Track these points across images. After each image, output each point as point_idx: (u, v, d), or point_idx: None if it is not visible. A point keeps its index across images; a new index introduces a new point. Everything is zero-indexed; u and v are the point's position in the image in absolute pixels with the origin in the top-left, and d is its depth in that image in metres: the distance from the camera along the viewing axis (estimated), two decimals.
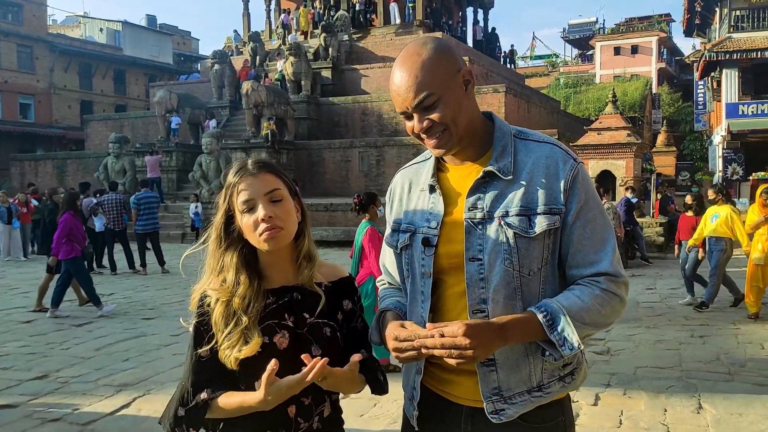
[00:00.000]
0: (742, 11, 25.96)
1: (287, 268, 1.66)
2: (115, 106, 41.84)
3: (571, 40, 57.32)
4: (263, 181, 1.59)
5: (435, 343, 1.41)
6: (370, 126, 23.95)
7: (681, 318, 7.98)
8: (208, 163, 19.74)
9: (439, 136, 1.56)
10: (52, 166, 27.05)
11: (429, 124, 1.54)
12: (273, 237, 1.56)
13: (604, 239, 1.57)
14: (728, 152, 24.65)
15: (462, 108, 1.55)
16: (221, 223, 1.62)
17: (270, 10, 32.31)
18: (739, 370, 5.67)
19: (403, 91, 1.52)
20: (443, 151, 1.58)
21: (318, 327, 1.61)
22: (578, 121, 31.98)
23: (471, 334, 1.39)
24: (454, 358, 1.41)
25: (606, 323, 1.56)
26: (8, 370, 5.91)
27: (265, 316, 1.58)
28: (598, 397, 4.97)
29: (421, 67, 1.51)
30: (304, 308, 1.63)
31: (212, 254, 1.65)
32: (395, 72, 1.55)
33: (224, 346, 1.55)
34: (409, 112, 1.55)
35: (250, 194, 1.57)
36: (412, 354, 1.48)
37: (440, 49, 1.54)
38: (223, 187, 1.66)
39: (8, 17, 37.65)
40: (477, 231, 1.54)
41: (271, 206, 1.57)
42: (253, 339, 1.53)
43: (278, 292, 1.62)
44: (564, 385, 1.59)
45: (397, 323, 1.57)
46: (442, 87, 1.51)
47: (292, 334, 1.58)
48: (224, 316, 1.57)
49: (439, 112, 1.52)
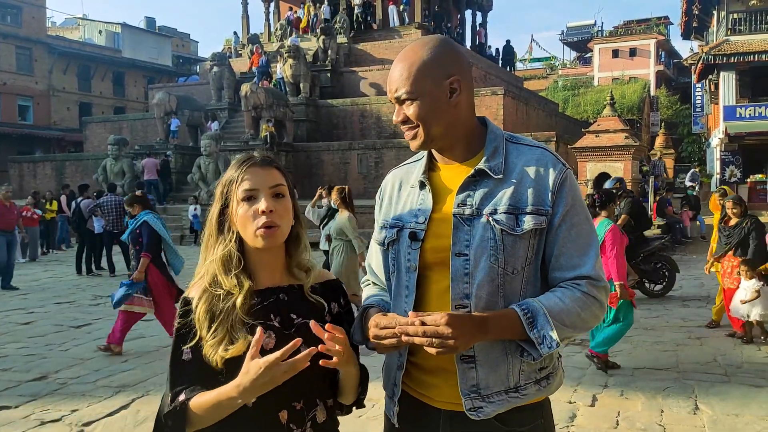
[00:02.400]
0: (740, 14, 26.02)
1: (275, 270, 1.63)
2: (114, 108, 41.85)
3: (569, 42, 57.42)
4: (269, 174, 1.58)
5: (417, 331, 1.43)
6: (368, 128, 23.98)
7: (679, 320, 8.00)
8: (207, 165, 19.75)
9: (412, 131, 1.63)
10: (50, 168, 27.02)
11: (404, 118, 1.62)
12: (270, 235, 1.54)
13: (588, 244, 1.60)
14: (726, 154, 24.69)
15: (438, 113, 1.59)
16: (217, 213, 1.59)
17: (269, 13, 32.35)
18: (735, 372, 5.69)
19: (391, 82, 1.62)
20: (416, 144, 1.65)
21: (306, 328, 1.56)
22: (576, 123, 32.03)
23: (453, 324, 1.42)
24: (434, 347, 1.42)
25: (585, 327, 1.59)
26: (7, 372, 5.93)
27: (251, 317, 1.54)
28: (596, 398, 5.00)
29: (410, 66, 1.59)
30: (291, 309, 1.60)
31: (205, 245, 1.62)
32: (394, 62, 1.64)
33: (209, 343, 1.50)
34: (393, 102, 1.64)
35: (254, 184, 1.55)
36: (392, 342, 1.50)
37: (437, 53, 1.59)
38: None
39: (7, 19, 37.65)
40: (465, 227, 1.57)
41: (273, 201, 1.56)
42: (239, 338, 1.50)
43: (264, 293, 1.59)
44: (540, 388, 1.61)
45: (379, 313, 1.60)
46: (420, 90, 1.58)
47: (278, 335, 1.55)
48: (209, 313, 1.53)
49: (412, 110, 1.60)
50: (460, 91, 1.60)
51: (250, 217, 1.53)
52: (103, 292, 10.54)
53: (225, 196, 1.58)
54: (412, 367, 1.65)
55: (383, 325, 1.52)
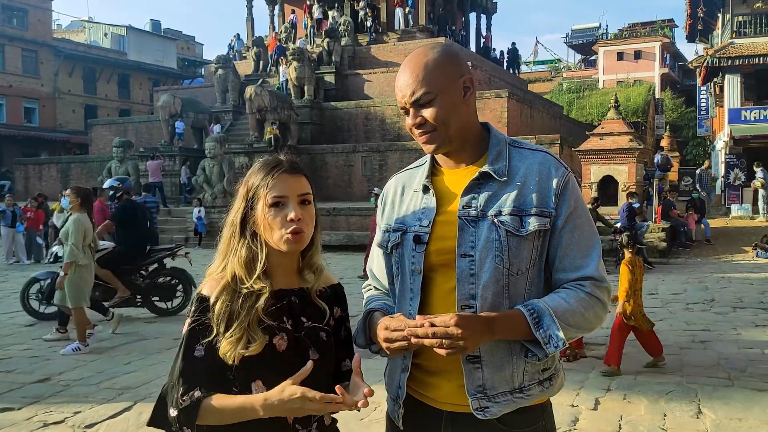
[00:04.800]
0: (745, 17, 25.96)
1: (290, 272, 1.67)
2: (119, 111, 42.04)
3: (574, 45, 57.41)
4: (298, 181, 1.60)
5: (426, 332, 1.44)
6: (373, 131, 24.01)
7: (683, 323, 7.98)
8: (212, 167, 19.79)
9: (429, 134, 1.63)
10: (56, 171, 27.16)
11: (421, 121, 1.62)
12: (296, 241, 1.58)
13: (590, 245, 1.63)
14: (731, 157, 24.59)
15: (455, 112, 1.62)
16: (241, 215, 1.61)
17: (273, 15, 32.46)
18: (739, 375, 5.67)
19: (404, 87, 1.62)
20: (432, 147, 1.65)
21: (315, 331, 1.63)
22: (581, 126, 31.98)
23: (462, 325, 1.43)
24: (444, 348, 1.44)
25: (589, 327, 1.61)
26: (11, 373, 5.95)
27: (266, 317, 1.58)
28: (598, 402, 4.98)
29: (423, 67, 1.60)
30: (302, 312, 1.64)
31: (226, 242, 1.64)
32: (401, 70, 1.64)
33: (228, 341, 1.53)
34: (407, 107, 1.63)
35: (284, 191, 1.57)
36: (402, 344, 1.51)
37: (446, 54, 1.63)
38: (226, 192, 1.66)
39: (13, 22, 37.88)
40: (470, 228, 1.59)
41: (300, 208, 1.59)
42: (257, 337, 1.54)
43: (278, 295, 1.62)
44: (543, 389, 1.63)
45: (387, 316, 1.61)
46: (439, 88, 1.59)
47: (290, 337, 1.60)
48: (227, 312, 1.56)
49: (431, 111, 1.60)
50: (472, 90, 1.64)
51: (278, 223, 1.57)
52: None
53: (251, 199, 1.61)
54: (415, 369, 1.66)
55: (393, 327, 1.53)
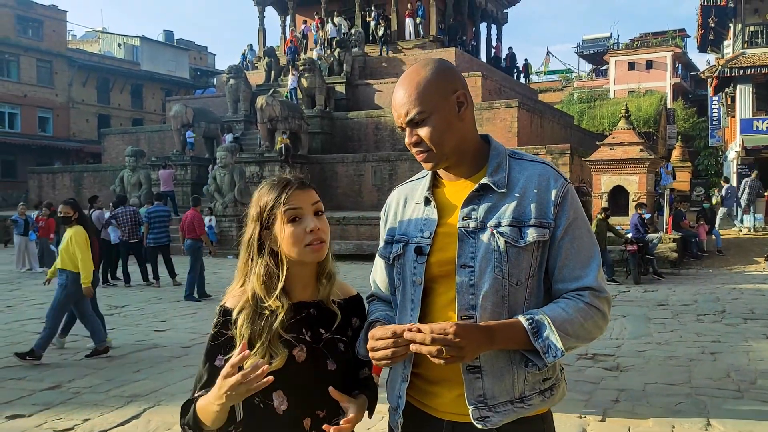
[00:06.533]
0: (756, 27, 25.85)
1: (308, 284, 1.72)
2: (132, 120, 42.36)
3: (585, 55, 57.35)
4: (309, 194, 1.67)
5: (425, 339, 1.45)
6: (383, 140, 24.08)
7: (693, 335, 7.92)
8: (223, 176, 19.90)
9: (426, 153, 1.66)
10: (69, 179, 27.39)
11: (417, 140, 1.65)
12: (319, 250, 1.64)
13: (590, 256, 1.63)
14: (743, 167, 24.43)
15: (450, 129, 1.64)
16: (257, 235, 1.67)
17: (285, 26, 32.68)
18: (749, 388, 5.62)
19: (399, 106, 1.65)
20: (430, 165, 1.69)
21: (333, 342, 1.68)
22: (592, 136, 31.88)
23: (461, 333, 1.44)
24: (442, 356, 1.44)
25: (588, 337, 1.61)
26: (21, 381, 6.00)
27: (286, 331, 1.64)
28: (606, 413, 4.96)
29: (416, 86, 1.62)
30: (320, 324, 1.69)
31: (243, 262, 1.71)
32: (396, 88, 1.67)
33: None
34: (403, 126, 1.66)
35: (299, 204, 1.64)
36: (385, 353, 1.52)
37: (438, 71, 1.64)
38: (237, 201, 1.72)
39: (29, 33, 38.33)
40: (470, 239, 1.61)
41: (316, 219, 1.66)
42: (279, 351, 1.60)
43: (296, 307, 1.67)
44: (544, 399, 1.63)
45: (379, 326, 1.62)
46: (432, 106, 1.61)
47: (309, 349, 1.65)
48: (249, 329, 1.61)
49: (426, 131, 1.63)
50: (466, 105, 1.66)
51: (299, 236, 1.63)
52: (118, 302, 10.66)
53: (267, 219, 1.66)
54: (415, 378, 1.67)
55: (378, 337, 1.55)
